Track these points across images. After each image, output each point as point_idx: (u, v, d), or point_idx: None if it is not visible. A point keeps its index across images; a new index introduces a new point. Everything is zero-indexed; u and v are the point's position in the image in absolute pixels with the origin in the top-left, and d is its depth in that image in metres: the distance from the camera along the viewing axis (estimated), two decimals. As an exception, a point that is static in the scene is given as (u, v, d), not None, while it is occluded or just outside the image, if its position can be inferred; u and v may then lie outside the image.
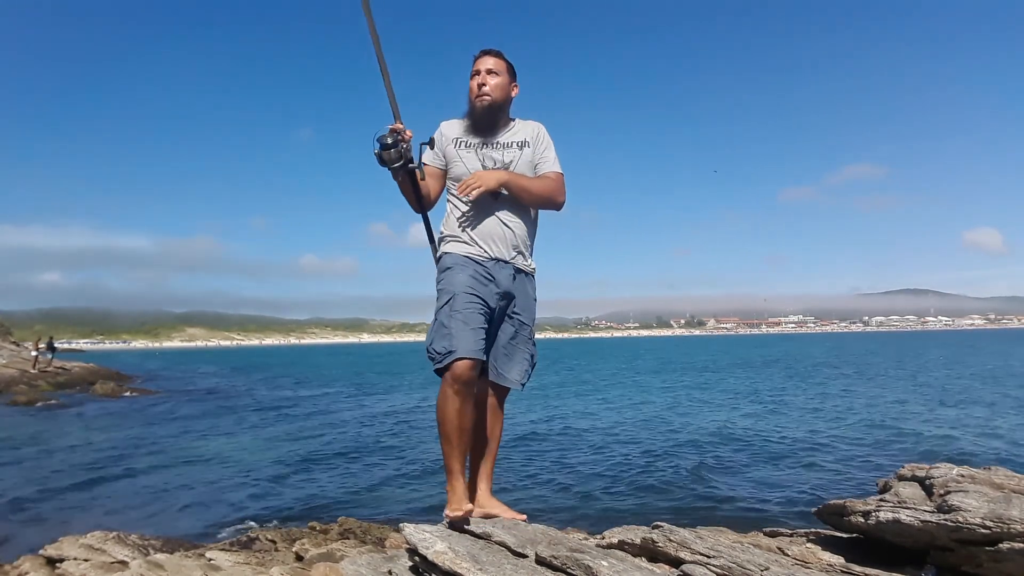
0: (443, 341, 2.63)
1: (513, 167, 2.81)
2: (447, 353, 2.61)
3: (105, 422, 17.56)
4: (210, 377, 39.53)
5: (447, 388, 2.63)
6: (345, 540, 5.64)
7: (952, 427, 13.73)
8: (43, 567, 5.23)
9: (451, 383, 2.61)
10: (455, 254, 2.80)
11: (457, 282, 2.72)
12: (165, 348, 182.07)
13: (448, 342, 2.62)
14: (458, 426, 2.64)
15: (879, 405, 17.95)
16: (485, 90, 2.81)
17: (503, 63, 2.87)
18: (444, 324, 2.66)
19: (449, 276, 2.76)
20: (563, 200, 2.88)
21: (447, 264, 2.80)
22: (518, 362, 2.87)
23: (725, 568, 2.32)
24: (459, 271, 2.74)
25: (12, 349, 37.06)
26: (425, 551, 2.37)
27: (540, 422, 15.74)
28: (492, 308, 2.75)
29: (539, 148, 2.86)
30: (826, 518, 3.38)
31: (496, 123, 2.85)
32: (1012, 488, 2.85)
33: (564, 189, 2.88)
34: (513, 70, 2.91)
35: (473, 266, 2.76)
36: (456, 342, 2.60)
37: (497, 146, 2.83)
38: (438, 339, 2.65)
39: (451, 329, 2.63)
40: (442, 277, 2.80)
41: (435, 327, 2.71)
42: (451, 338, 2.61)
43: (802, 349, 70.89)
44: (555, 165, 2.87)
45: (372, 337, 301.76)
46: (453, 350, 2.60)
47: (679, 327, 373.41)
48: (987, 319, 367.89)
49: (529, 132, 2.88)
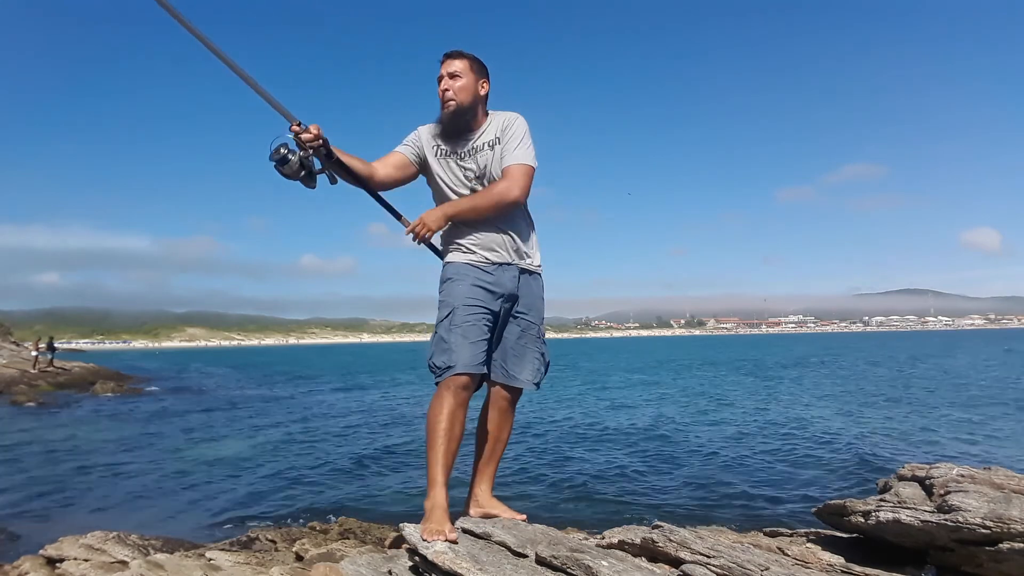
0: (442, 356, 2.63)
1: (489, 168, 2.77)
2: (446, 368, 2.62)
3: (105, 422, 17.56)
4: (210, 377, 39.50)
5: (443, 395, 2.61)
6: (345, 540, 5.63)
7: (952, 427, 13.73)
8: (43, 567, 5.22)
9: (449, 392, 2.61)
10: (456, 263, 2.78)
11: (457, 294, 2.70)
12: (165, 348, 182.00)
13: (447, 357, 2.62)
14: (447, 434, 2.59)
15: (879, 405, 17.95)
16: (449, 95, 2.77)
17: (466, 62, 2.79)
18: (444, 339, 2.66)
19: (449, 288, 2.75)
20: (516, 195, 2.71)
21: (448, 275, 2.79)
22: (528, 362, 2.85)
23: (725, 568, 2.32)
24: (459, 282, 2.73)
25: (12, 349, 37.06)
26: (425, 551, 2.37)
27: (540, 422, 15.74)
28: (496, 313, 2.75)
29: (505, 142, 2.77)
30: (826, 518, 3.38)
31: (465, 128, 2.79)
32: (1012, 488, 2.85)
33: (519, 182, 2.71)
34: (480, 67, 2.83)
35: (474, 274, 2.74)
36: (455, 357, 2.61)
37: (471, 152, 2.79)
38: (438, 353, 2.65)
39: (450, 344, 2.63)
40: (443, 288, 2.78)
41: (435, 340, 2.70)
42: (450, 353, 2.62)
43: (802, 350, 70.93)
44: (517, 157, 2.74)
45: (372, 337, 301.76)
46: (452, 365, 2.61)
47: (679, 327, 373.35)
48: (987, 319, 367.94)
49: (498, 126, 2.80)
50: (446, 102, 2.78)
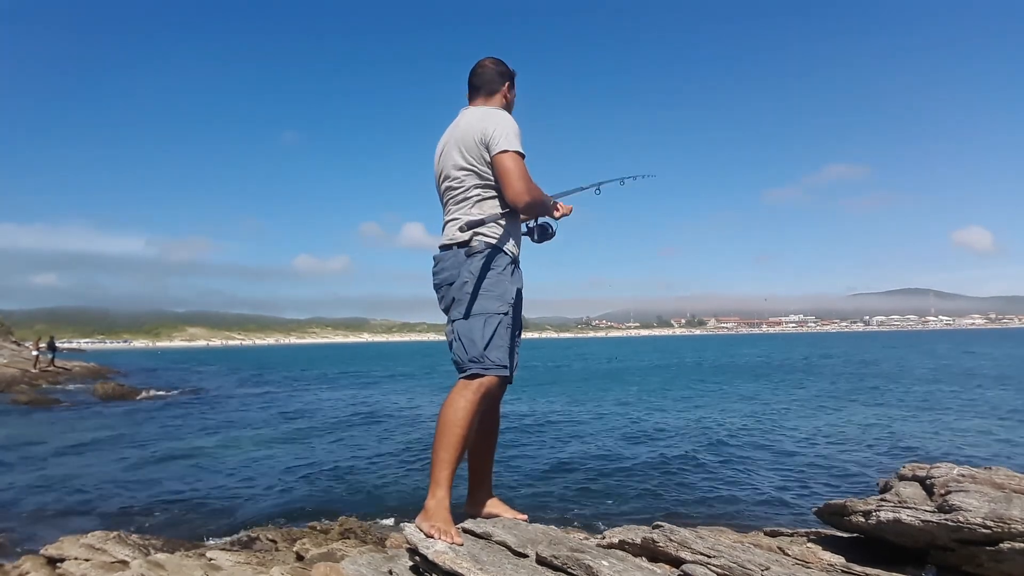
0: (500, 352, 2.61)
1: None
2: (502, 367, 2.61)
3: (105, 422, 17.56)
4: (210, 377, 39.51)
5: (472, 395, 2.56)
6: (345, 540, 5.64)
7: (952, 427, 13.73)
8: (43, 567, 5.22)
9: (480, 393, 2.58)
10: (511, 254, 2.75)
11: (510, 292, 2.70)
12: (166, 348, 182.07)
13: (504, 355, 2.63)
14: (465, 436, 2.57)
15: (879, 405, 17.95)
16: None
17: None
18: (502, 336, 2.63)
19: (504, 284, 2.69)
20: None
21: (497, 263, 2.69)
22: (515, 357, 2.88)
23: (726, 568, 2.32)
24: (513, 283, 2.72)
25: (13, 349, 37.10)
26: (425, 551, 2.37)
27: (540, 422, 15.74)
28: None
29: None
30: (827, 518, 3.38)
31: None
32: (1013, 488, 2.85)
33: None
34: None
35: (512, 270, 2.75)
36: (510, 359, 2.65)
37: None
38: (496, 348, 2.60)
39: (507, 343, 2.65)
40: (495, 278, 2.67)
41: (491, 332, 2.60)
42: (507, 353, 2.64)
43: (803, 350, 70.93)
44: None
45: (373, 336, 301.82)
46: (506, 367, 2.63)
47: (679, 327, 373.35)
48: (987, 319, 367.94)
49: None
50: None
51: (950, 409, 16.59)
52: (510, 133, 2.65)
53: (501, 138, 2.62)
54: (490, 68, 2.88)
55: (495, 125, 2.66)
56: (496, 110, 2.79)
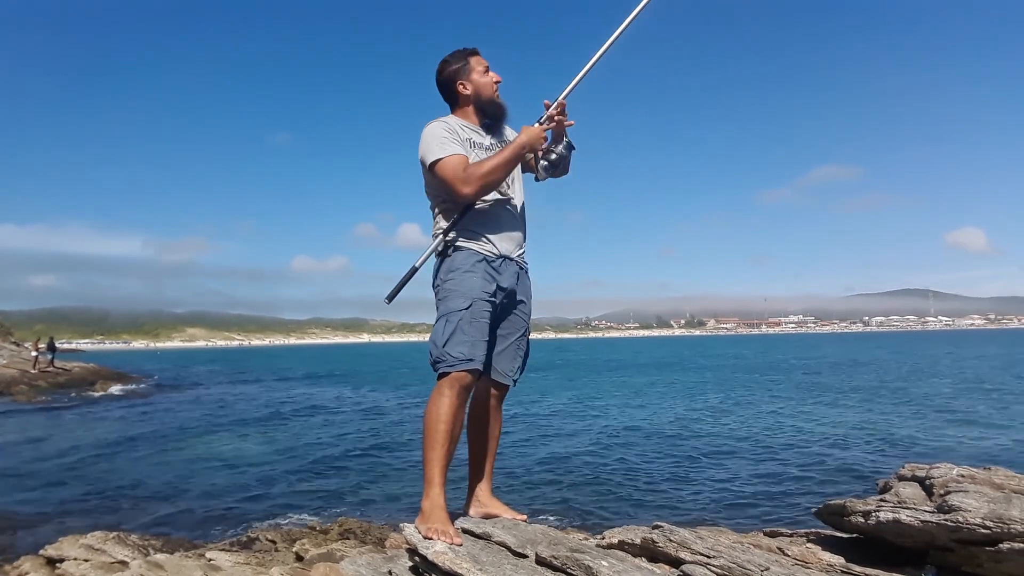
0: (462, 346, 2.57)
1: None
2: (465, 360, 2.56)
3: (105, 422, 17.56)
4: (210, 377, 39.51)
5: (448, 392, 2.56)
6: (345, 540, 5.63)
7: (952, 427, 13.73)
8: (43, 567, 5.22)
9: (455, 389, 2.56)
10: (468, 250, 2.70)
11: (474, 287, 2.65)
12: (165, 348, 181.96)
13: (467, 348, 2.57)
14: (449, 432, 2.55)
15: (879, 405, 17.95)
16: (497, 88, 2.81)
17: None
18: (464, 330, 2.59)
19: (463, 279, 2.67)
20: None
21: (459, 264, 2.69)
22: (516, 359, 2.86)
23: (725, 568, 2.32)
24: (474, 274, 2.67)
25: (12, 349, 37.04)
26: (425, 551, 2.37)
27: (541, 422, 15.74)
28: (496, 309, 2.74)
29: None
30: (826, 518, 3.37)
31: (503, 122, 2.89)
32: (1012, 488, 2.84)
33: None
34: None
35: (484, 267, 2.69)
36: (475, 351, 2.58)
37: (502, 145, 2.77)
38: (457, 343, 2.57)
39: (471, 337, 2.59)
40: (453, 277, 2.68)
41: (452, 330, 2.59)
42: (471, 346, 2.58)
43: (804, 350, 70.93)
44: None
45: (373, 337, 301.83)
46: (472, 359, 2.57)
47: (679, 327, 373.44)
48: (987, 319, 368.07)
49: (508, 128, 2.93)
50: (497, 94, 2.81)
51: (950, 409, 16.60)
52: (432, 145, 2.64)
53: (427, 155, 2.65)
54: (441, 79, 2.81)
55: (421, 146, 2.69)
56: (425, 129, 2.72)
